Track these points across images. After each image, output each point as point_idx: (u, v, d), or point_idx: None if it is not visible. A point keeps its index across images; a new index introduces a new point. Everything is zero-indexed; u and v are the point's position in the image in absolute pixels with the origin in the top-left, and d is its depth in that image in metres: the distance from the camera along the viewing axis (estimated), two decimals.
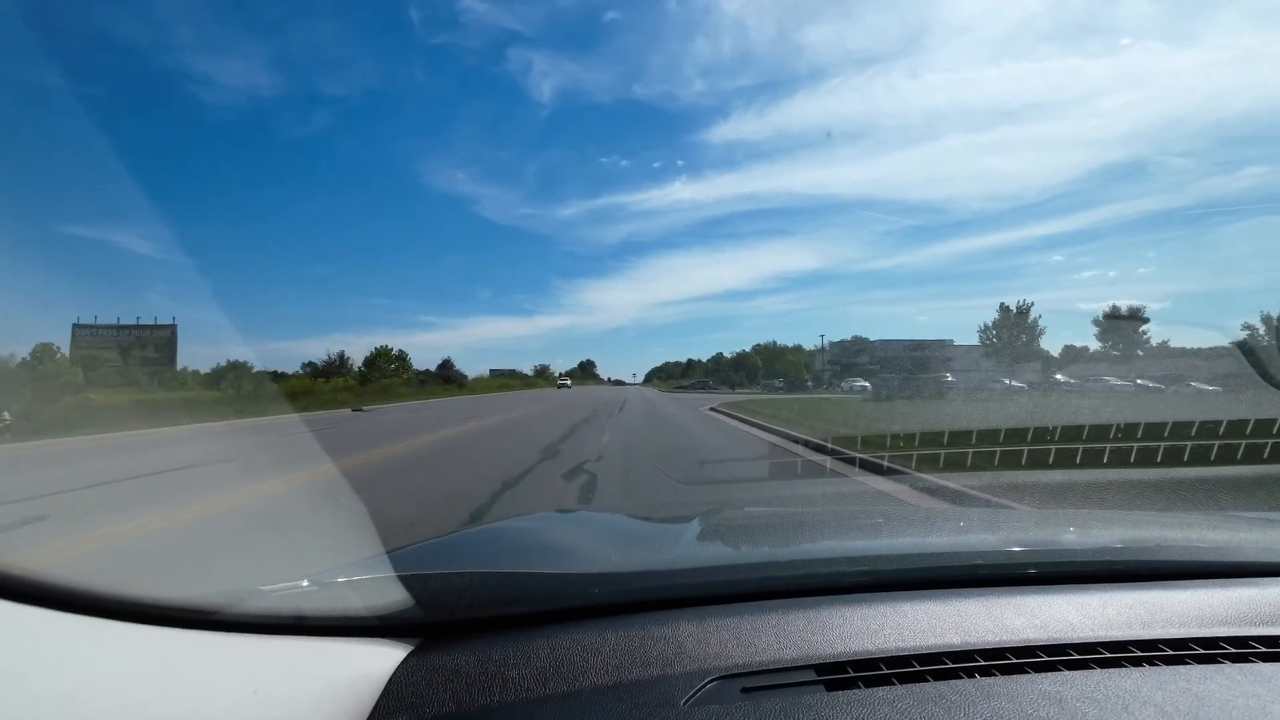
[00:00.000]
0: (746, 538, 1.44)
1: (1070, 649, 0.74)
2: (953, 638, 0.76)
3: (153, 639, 0.65)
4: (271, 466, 7.91)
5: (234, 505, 5.31)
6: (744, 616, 0.80)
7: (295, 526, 4.51)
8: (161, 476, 7.22)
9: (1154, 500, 4.70)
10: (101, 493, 6.16)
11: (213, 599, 0.73)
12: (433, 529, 4.28)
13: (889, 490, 5.70)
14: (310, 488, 6.36)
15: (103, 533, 4.29)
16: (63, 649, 0.59)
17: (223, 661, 0.66)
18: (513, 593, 0.88)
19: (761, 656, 0.72)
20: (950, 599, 0.86)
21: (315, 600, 0.81)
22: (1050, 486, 5.30)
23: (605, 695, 0.66)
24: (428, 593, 0.82)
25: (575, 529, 1.57)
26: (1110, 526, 1.44)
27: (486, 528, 1.71)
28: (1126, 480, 5.20)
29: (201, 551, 4.00)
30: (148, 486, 6.57)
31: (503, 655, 0.72)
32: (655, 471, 7.24)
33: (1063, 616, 0.82)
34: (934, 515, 1.66)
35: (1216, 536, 1.17)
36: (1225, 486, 4.83)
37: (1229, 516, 1.72)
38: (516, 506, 5.29)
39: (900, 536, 1.35)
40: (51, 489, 6.30)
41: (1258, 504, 4.54)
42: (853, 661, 0.72)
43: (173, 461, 8.57)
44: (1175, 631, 0.79)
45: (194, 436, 12.99)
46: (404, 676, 0.70)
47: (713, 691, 0.67)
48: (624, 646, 0.73)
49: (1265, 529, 1.28)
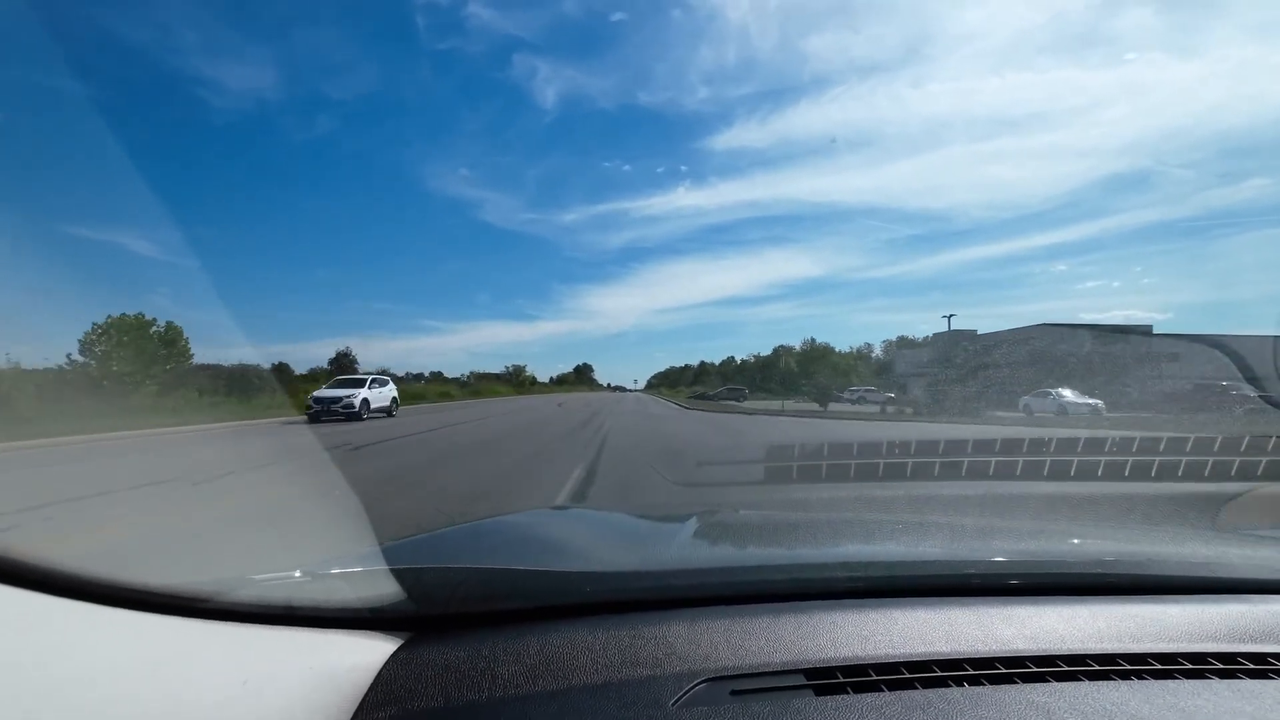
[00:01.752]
0: (740, 540, 1.44)
1: (1059, 660, 0.75)
2: (942, 646, 0.76)
3: (144, 625, 0.65)
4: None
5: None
6: (735, 619, 0.80)
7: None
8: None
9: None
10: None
11: (204, 587, 0.73)
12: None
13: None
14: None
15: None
16: (53, 633, 0.58)
17: (213, 650, 0.66)
18: (505, 588, 0.88)
19: (751, 659, 0.72)
20: (941, 607, 0.86)
21: (307, 591, 0.81)
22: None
23: (594, 694, 0.66)
24: (420, 586, 0.82)
25: (570, 527, 1.57)
26: (1101, 539, 1.44)
27: (481, 523, 1.71)
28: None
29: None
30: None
31: (493, 651, 0.72)
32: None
33: (1052, 628, 0.82)
34: (928, 523, 1.66)
35: (1208, 551, 1.17)
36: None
37: (1221, 532, 1.72)
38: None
39: (893, 543, 1.35)
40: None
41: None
42: (842, 667, 0.72)
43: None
44: (1164, 646, 0.79)
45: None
46: (394, 669, 0.70)
47: (702, 693, 0.67)
48: (614, 645, 0.74)
49: (1257, 545, 1.29)
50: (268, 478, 7.16)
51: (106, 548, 3.86)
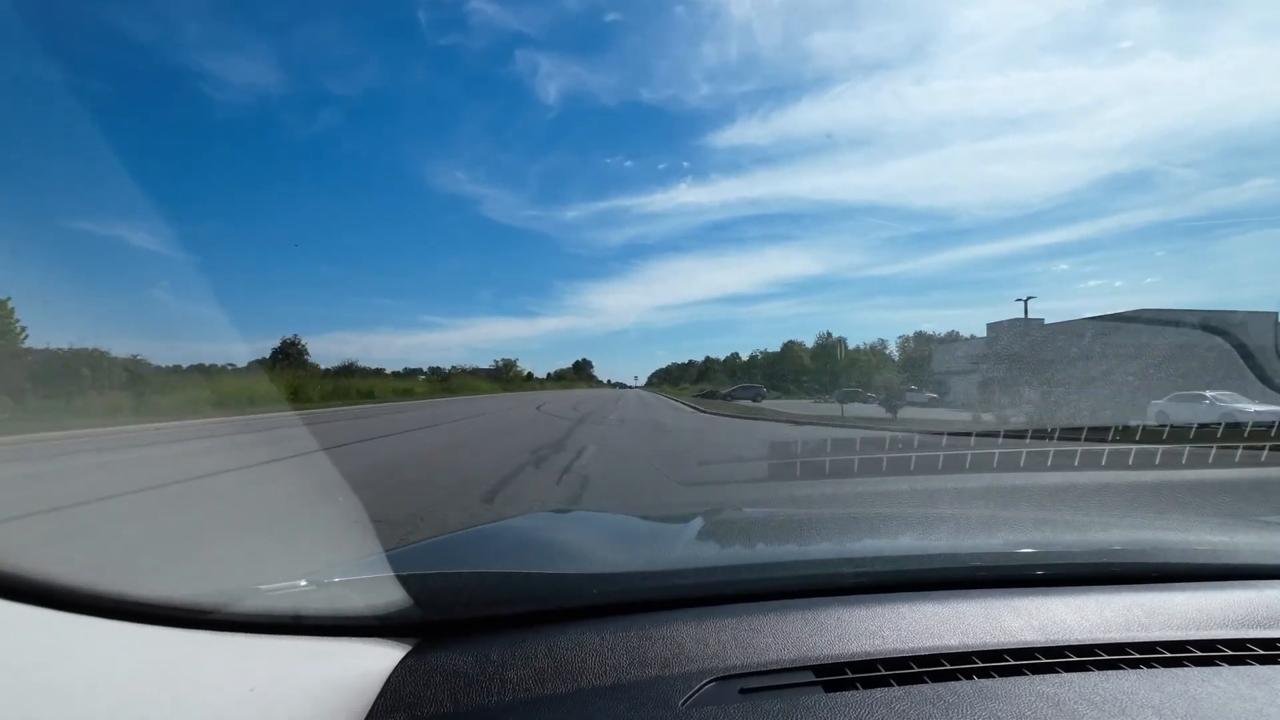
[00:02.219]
0: (745, 538, 1.44)
1: (1068, 651, 0.75)
2: (950, 639, 0.76)
3: (151, 638, 0.65)
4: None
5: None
6: (742, 617, 0.80)
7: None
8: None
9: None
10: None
11: (210, 598, 0.73)
12: None
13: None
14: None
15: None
16: (61, 647, 0.58)
17: (220, 661, 0.66)
18: (511, 593, 0.88)
19: (760, 657, 0.72)
20: (948, 600, 0.86)
21: (313, 600, 0.81)
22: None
23: (603, 696, 0.66)
24: (426, 592, 0.82)
25: (574, 529, 1.57)
26: (1108, 529, 1.44)
27: (485, 527, 1.71)
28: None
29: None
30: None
31: (501, 655, 0.72)
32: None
33: (1060, 618, 0.82)
34: (932, 517, 1.66)
35: (1214, 539, 1.17)
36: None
37: (1226, 519, 1.72)
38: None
39: (898, 538, 1.35)
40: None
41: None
42: (851, 663, 0.72)
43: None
44: (1172, 634, 0.79)
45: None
46: (402, 676, 0.70)
47: (711, 692, 0.67)
48: (622, 647, 0.73)
49: (1262, 532, 1.29)
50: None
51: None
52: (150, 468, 7.93)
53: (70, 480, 6.87)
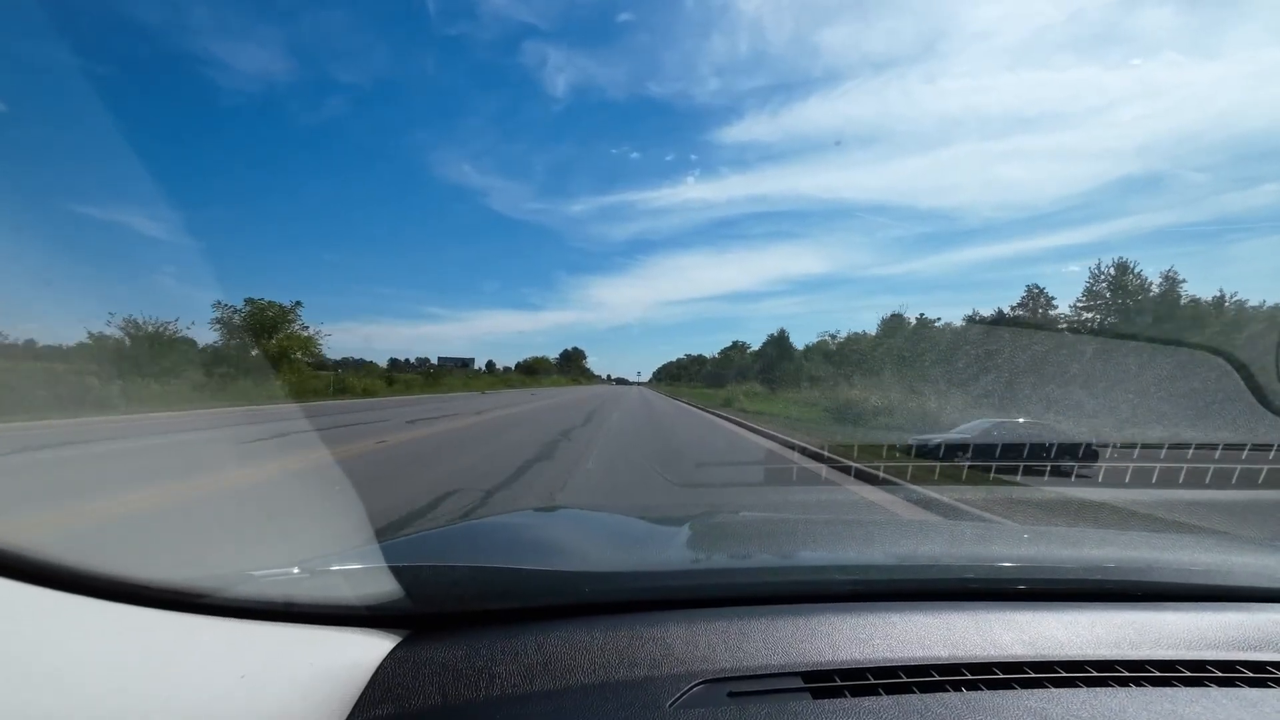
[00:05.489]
0: (739, 542, 1.44)
1: (1057, 666, 0.75)
2: (940, 651, 0.76)
3: (142, 620, 0.65)
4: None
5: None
6: (733, 621, 0.80)
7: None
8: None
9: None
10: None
11: (203, 582, 0.73)
12: None
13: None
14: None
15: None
16: (52, 627, 0.58)
17: (211, 645, 0.66)
18: (503, 588, 0.88)
19: (749, 662, 0.72)
20: (940, 612, 0.86)
21: (306, 587, 0.81)
22: None
23: (591, 694, 0.66)
24: (418, 584, 0.82)
25: (569, 526, 1.57)
26: (1102, 545, 1.44)
27: (480, 522, 1.71)
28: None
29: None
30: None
31: (491, 650, 0.72)
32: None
33: (1051, 634, 0.82)
34: (927, 526, 1.66)
35: (1208, 559, 1.17)
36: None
37: (1222, 539, 1.72)
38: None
39: (892, 547, 1.35)
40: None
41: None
42: (840, 670, 0.72)
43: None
44: (1163, 653, 0.79)
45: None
46: (391, 667, 0.70)
47: (699, 695, 0.67)
48: (612, 646, 0.73)
49: (1258, 553, 1.28)
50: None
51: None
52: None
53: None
